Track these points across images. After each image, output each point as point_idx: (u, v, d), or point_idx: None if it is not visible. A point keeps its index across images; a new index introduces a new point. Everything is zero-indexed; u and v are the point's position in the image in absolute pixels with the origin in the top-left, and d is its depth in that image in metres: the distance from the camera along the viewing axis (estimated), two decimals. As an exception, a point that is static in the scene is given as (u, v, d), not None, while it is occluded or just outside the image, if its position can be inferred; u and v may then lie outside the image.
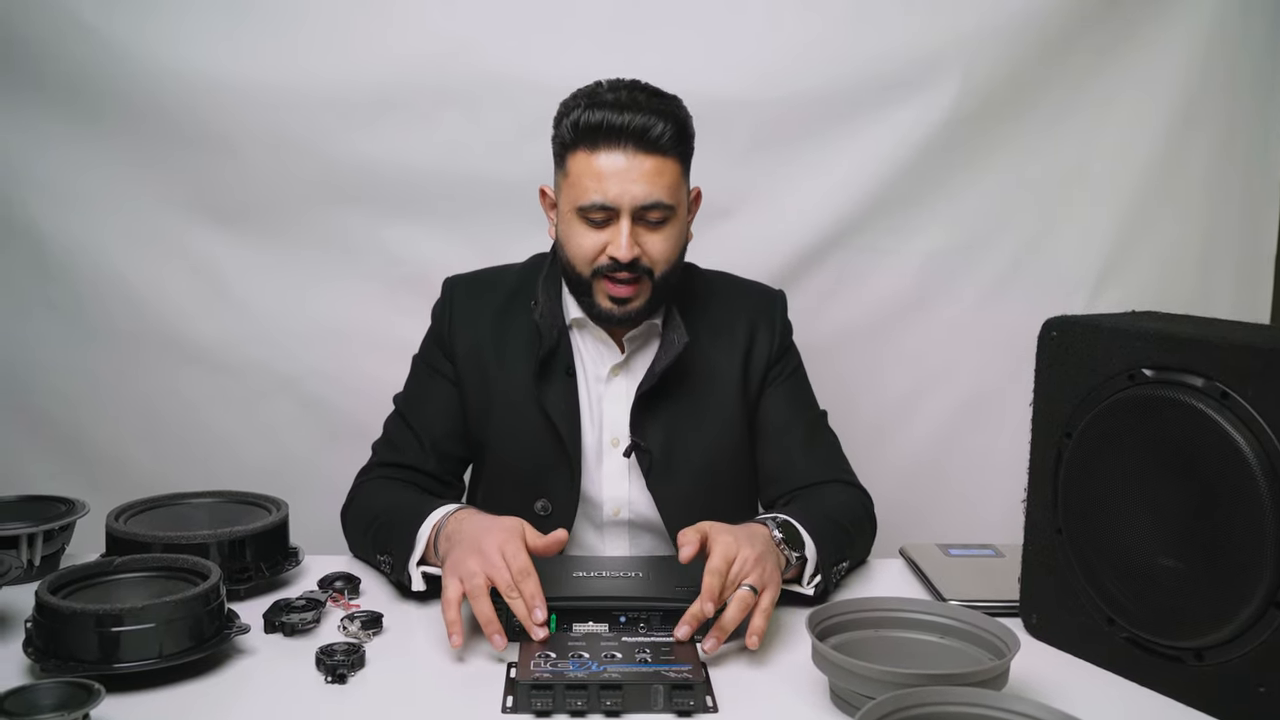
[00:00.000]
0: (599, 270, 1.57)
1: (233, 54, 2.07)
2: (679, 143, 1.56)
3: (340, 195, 2.14)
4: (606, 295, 1.58)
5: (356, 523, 1.61)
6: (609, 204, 1.53)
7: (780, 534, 1.41)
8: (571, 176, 1.56)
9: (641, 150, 1.52)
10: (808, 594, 1.43)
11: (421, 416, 1.69)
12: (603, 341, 1.68)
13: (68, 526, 1.55)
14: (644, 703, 1.16)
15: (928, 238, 2.20)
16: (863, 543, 1.60)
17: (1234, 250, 2.27)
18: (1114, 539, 1.26)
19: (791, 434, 1.69)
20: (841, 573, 1.51)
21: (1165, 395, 1.19)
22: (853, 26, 2.12)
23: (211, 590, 1.27)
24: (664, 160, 1.54)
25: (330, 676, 1.23)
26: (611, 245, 1.55)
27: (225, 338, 2.19)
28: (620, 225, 1.54)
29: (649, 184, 1.53)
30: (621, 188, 1.52)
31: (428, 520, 1.46)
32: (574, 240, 1.58)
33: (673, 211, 1.57)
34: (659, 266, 1.58)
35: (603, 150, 1.53)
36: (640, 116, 1.51)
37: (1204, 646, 1.17)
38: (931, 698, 1.04)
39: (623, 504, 1.66)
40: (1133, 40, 2.16)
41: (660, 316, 1.67)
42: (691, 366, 1.65)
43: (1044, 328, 1.35)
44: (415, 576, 1.44)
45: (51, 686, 1.10)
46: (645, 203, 1.53)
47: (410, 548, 1.45)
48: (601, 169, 1.52)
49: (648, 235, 1.56)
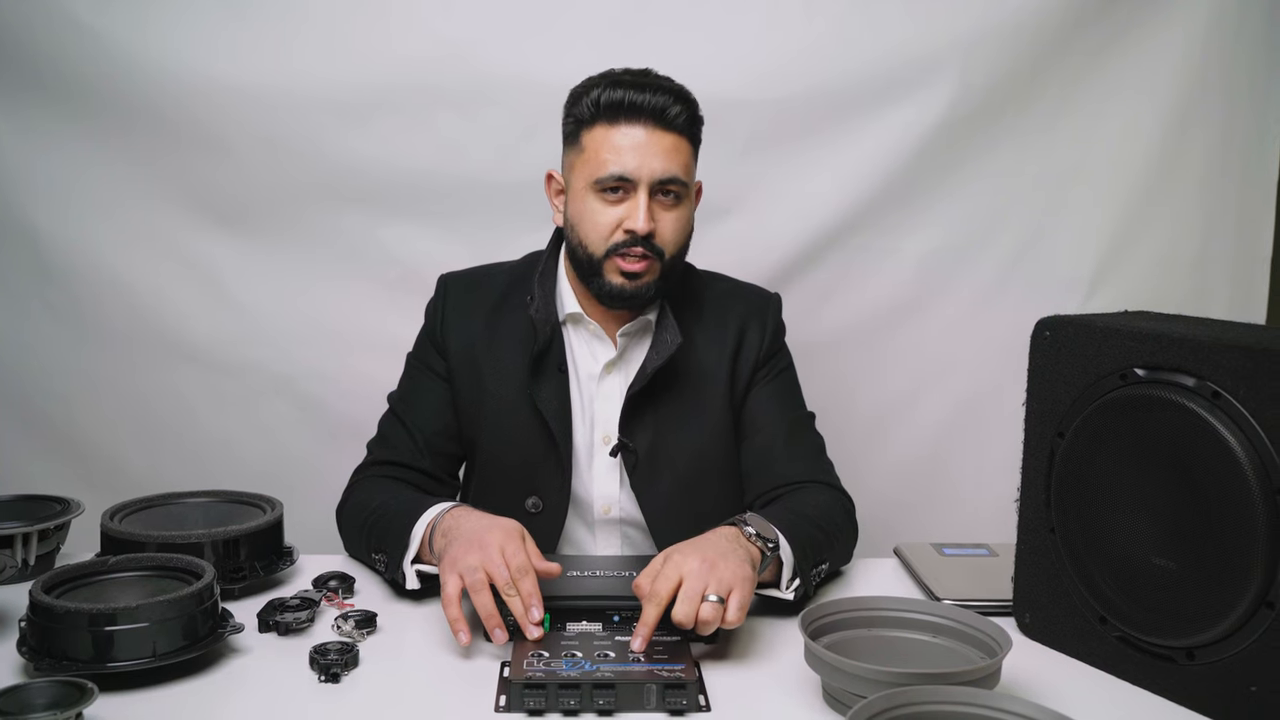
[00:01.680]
0: (613, 248, 1.58)
1: (231, 55, 2.07)
2: (691, 125, 1.60)
3: (338, 196, 2.14)
4: (619, 271, 1.59)
5: (351, 521, 1.61)
6: (628, 175, 1.56)
7: (752, 528, 1.39)
8: (589, 152, 1.58)
9: (659, 126, 1.56)
10: (787, 599, 1.41)
11: (415, 414, 1.69)
12: (596, 337, 1.69)
13: (63, 526, 1.55)
14: (637, 702, 1.16)
15: (925, 237, 2.20)
16: (842, 547, 1.58)
17: (1230, 250, 2.27)
18: (1106, 538, 1.26)
19: (773, 432, 1.68)
20: (820, 575, 1.49)
21: (1157, 395, 1.20)
22: (850, 26, 2.12)
23: (205, 589, 1.27)
24: (679, 139, 1.58)
25: (324, 676, 1.23)
26: (629, 219, 1.57)
27: (222, 338, 2.19)
28: (638, 199, 1.56)
29: (667, 159, 1.56)
30: (640, 160, 1.55)
31: (422, 518, 1.46)
32: (589, 217, 1.59)
33: (686, 190, 1.61)
34: (669, 248, 1.60)
35: (623, 124, 1.56)
36: (659, 95, 1.56)
37: (1195, 645, 1.17)
38: (923, 697, 1.05)
39: (613, 502, 1.67)
40: (1129, 41, 2.17)
41: (654, 313, 1.67)
42: (682, 368, 1.65)
43: (1037, 327, 1.35)
44: (410, 575, 1.44)
45: (45, 685, 1.10)
46: (663, 177, 1.56)
47: (405, 546, 1.45)
48: (620, 143, 1.56)
49: (662, 214, 1.59)
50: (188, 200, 2.14)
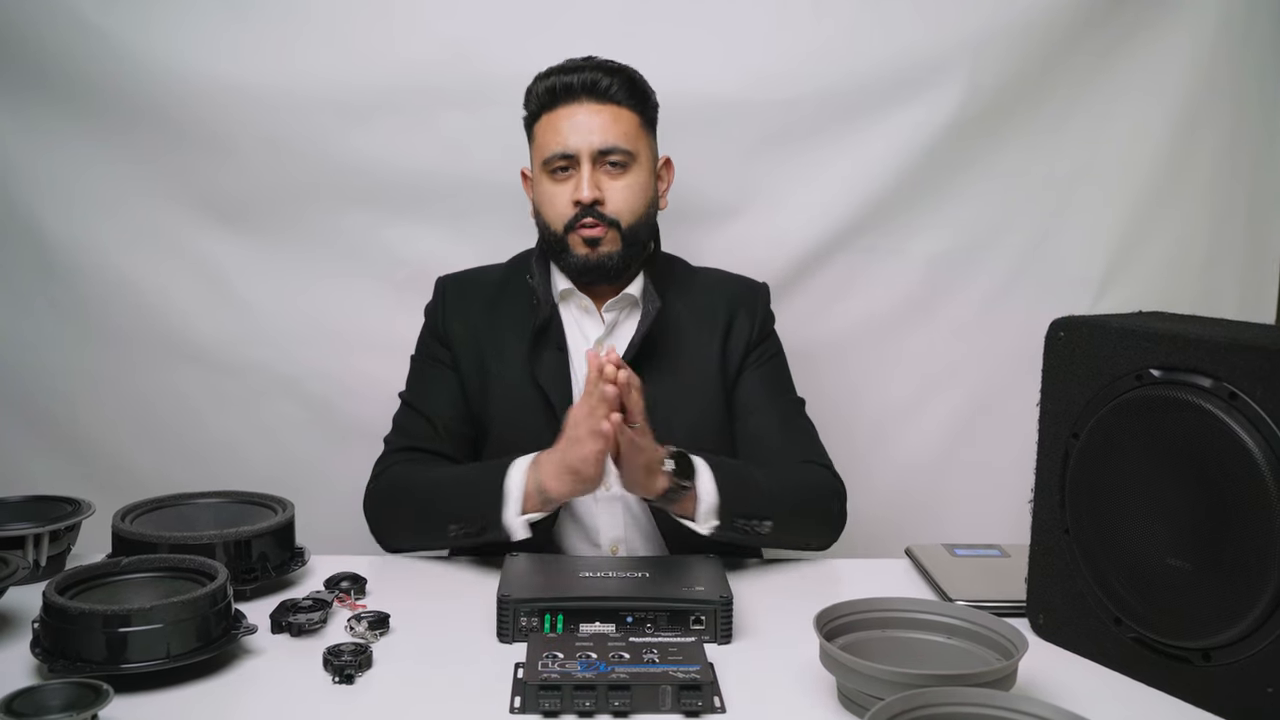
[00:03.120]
0: (570, 223, 1.66)
1: (234, 54, 2.06)
2: (631, 95, 1.68)
3: (342, 196, 2.13)
4: (581, 241, 1.67)
5: (398, 506, 1.63)
6: (568, 151, 1.66)
7: (671, 464, 1.46)
8: (539, 139, 1.71)
9: (594, 100, 1.66)
10: (702, 533, 1.50)
11: (429, 402, 1.72)
12: (587, 313, 1.73)
13: (73, 527, 1.55)
14: (652, 703, 1.16)
15: (933, 238, 2.20)
16: (812, 520, 1.63)
17: (1239, 251, 2.26)
18: (1122, 539, 1.26)
19: (766, 414, 1.72)
20: (756, 529, 1.53)
21: (1173, 396, 1.19)
22: (859, 27, 2.11)
23: (219, 590, 1.27)
24: (618, 109, 1.67)
25: (338, 677, 1.23)
26: (575, 191, 1.65)
27: (226, 338, 2.18)
28: (581, 171, 1.65)
29: (604, 131, 1.66)
30: (578, 135, 1.65)
31: (513, 469, 1.52)
32: (545, 199, 1.70)
33: (631, 158, 1.67)
34: (624, 217, 1.66)
35: (560, 107, 1.68)
36: (589, 73, 1.67)
37: (1212, 647, 1.17)
38: (941, 698, 1.04)
39: (613, 478, 1.67)
40: (1138, 41, 2.16)
41: (638, 288, 1.72)
42: (673, 345, 1.70)
43: (1051, 328, 1.35)
44: (517, 526, 1.50)
45: (60, 687, 1.10)
46: (602, 147, 1.65)
47: (499, 502, 1.50)
48: (560, 124, 1.67)
49: (610, 183, 1.66)
50: (192, 200, 2.14)
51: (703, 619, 1.34)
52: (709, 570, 1.44)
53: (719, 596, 1.35)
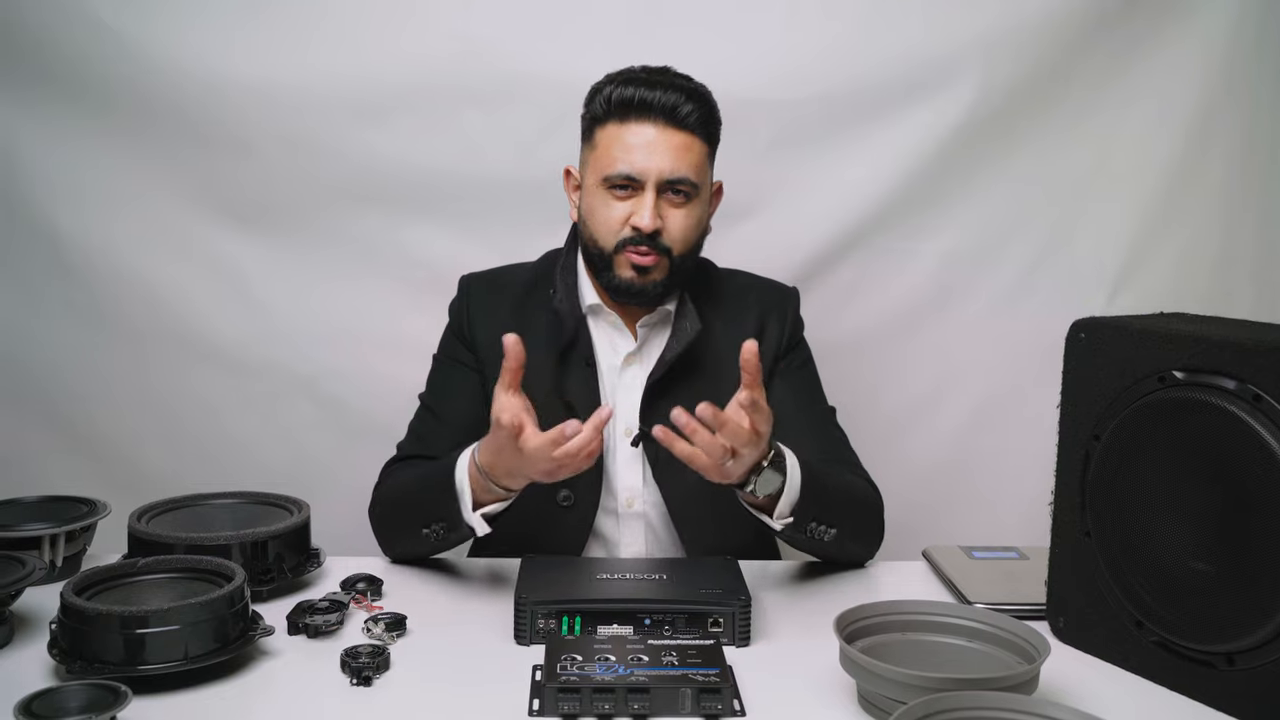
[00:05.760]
0: (622, 242, 1.60)
1: (249, 53, 2.07)
2: (705, 124, 1.61)
3: (358, 195, 2.13)
4: (629, 264, 1.60)
5: (387, 514, 1.62)
6: (635, 175, 1.57)
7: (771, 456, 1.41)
8: (600, 149, 1.60)
9: (670, 125, 1.57)
10: (775, 529, 1.45)
11: (449, 408, 1.70)
12: (616, 328, 1.70)
13: (89, 527, 1.55)
14: (671, 706, 1.15)
15: (946, 238, 2.19)
16: (864, 536, 1.60)
17: (1252, 251, 2.26)
18: (1144, 542, 1.25)
19: (799, 422, 1.67)
20: (821, 536, 1.48)
21: (1196, 398, 1.19)
22: (872, 27, 2.11)
23: (236, 592, 1.26)
24: (691, 138, 1.59)
25: (356, 679, 1.22)
26: (636, 216, 1.58)
27: (242, 338, 2.19)
28: (645, 197, 1.57)
29: (675, 158, 1.57)
30: (648, 159, 1.57)
31: (459, 463, 1.47)
32: (599, 212, 1.61)
33: (696, 190, 1.61)
34: (678, 246, 1.61)
35: (633, 123, 1.58)
36: (671, 93, 1.57)
37: (1235, 651, 1.16)
38: (964, 702, 1.04)
39: (636, 495, 1.66)
40: (1151, 42, 2.15)
41: (674, 303, 1.68)
42: (702, 357, 1.66)
43: (1072, 329, 1.34)
44: (477, 522, 1.45)
45: (78, 689, 1.09)
46: (671, 177, 1.57)
47: (456, 499, 1.46)
48: (630, 141, 1.57)
49: (670, 211, 1.60)
50: (208, 199, 2.14)
51: (721, 621, 1.33)
52: (727, 572, 1.43)
53: (737, 598, 1.34)
